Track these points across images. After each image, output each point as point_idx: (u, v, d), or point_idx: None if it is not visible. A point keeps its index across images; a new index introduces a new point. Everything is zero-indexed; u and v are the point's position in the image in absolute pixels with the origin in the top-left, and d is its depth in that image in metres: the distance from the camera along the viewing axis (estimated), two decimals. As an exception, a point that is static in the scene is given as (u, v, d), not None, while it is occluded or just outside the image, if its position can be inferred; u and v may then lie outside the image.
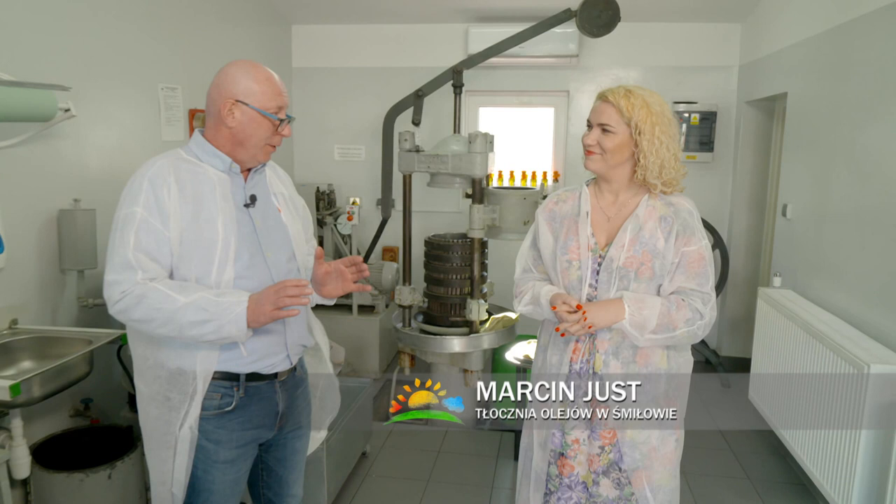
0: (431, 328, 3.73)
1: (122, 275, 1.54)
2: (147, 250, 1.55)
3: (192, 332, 1.53)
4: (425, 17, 4.83)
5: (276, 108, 1.64)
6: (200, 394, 1.63)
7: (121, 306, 1.54)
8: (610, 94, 1.77)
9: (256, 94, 1.62)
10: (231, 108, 1.61)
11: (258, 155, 1.68)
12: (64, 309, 2.83)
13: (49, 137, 2.71)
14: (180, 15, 3.65)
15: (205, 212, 1.60)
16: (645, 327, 1.74)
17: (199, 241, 1.59)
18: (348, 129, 5.18)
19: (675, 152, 1.77)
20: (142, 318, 1.53)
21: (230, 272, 1.61)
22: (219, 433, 1.67)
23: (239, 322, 1.53)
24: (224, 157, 1.66)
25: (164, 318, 1.51)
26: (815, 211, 3.34)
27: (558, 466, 1.87)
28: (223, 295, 1.55)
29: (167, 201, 1.56)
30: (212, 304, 1.52)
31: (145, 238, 1.55)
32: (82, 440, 2.66)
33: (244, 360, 1.66)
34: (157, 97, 3.47)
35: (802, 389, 2.94)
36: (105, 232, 2.85)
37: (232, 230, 1.62)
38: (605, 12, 3.72)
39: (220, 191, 1.64)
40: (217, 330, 1.53)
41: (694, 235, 1.78)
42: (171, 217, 1.56)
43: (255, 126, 1.63)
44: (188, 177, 1.62)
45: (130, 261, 1.53)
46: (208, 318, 1.52)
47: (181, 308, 1.50)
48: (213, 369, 1.63)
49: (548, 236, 1.90)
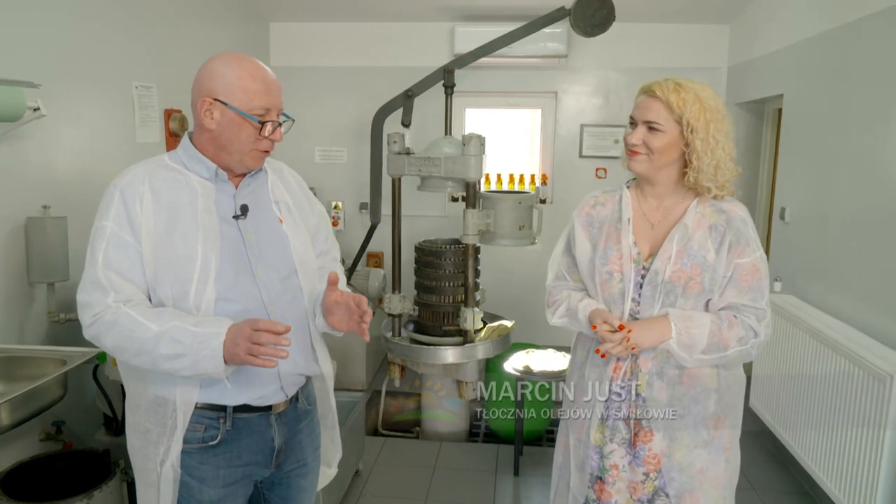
0: (423, 338, 3.58)
1: (92, 296, 1.38)
2: (119, 269, 1.38)
3: (166, 366, 1.36)
4: (409, 15, 4.69)
5: (263, 109, 1.43)
6: (181, 427, 1.44)
7: (92, 331, 1.39)
8: (657, 87, 1.60)
9: (237, 92, 1.41)
10: (209, 107, 1.42)
11: (245, 161, 1.48)
12: (33, 325, 2.62)
13: (15, 139, 2.49)
14: (154, 10, 3.44)
15: (181, 225, 1.42)
16: (694, 348, 1.61)
17: (173, 258, 1.41)
18: (329, 131, 5.01)
19: (730, 152, 1.63)
20: (113, 346, 1.38)
21: (211, 292, 1.42)
22: (203, 469, 1.48)
23: (215, 358, 1.34)
24: (209, 163, 1.47)
25: (137, 348, 1.35)
26: (815, 214, 3.30)
27: (596, 491, 1.75)
28: (201, 324, 1.36)
29: (139, 214, 1.39)
30: (187, 336, 1.34)
31: (115, 255, 1.38)
32: (54, 466, 2.44)
33: (230, 392, 1.47)
34: (130, 96, 3.26)
35: (812, 397, 2.88)
36: (77, 240, 2.67)
37: (213, 245, 1.43)
38: (599, 11, 3.62)
39: (202, 202, 1.45)
40: (193, 365, 1.35)
41: (748, 246, 1.64)
42: (144, 231, 1.39)
43: (236, 129, 1.43)
44: (165, 186, 1.44)
45: (101, 280, 1.37)
46: (182, 351, 1.34)
47: (153, 338, 1.34)
48: (194, 400, 1.45)
49: (585, 243, 1.76)
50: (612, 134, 4.84)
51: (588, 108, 4.88)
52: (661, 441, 1.69)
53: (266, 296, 1.49)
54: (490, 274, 4.23)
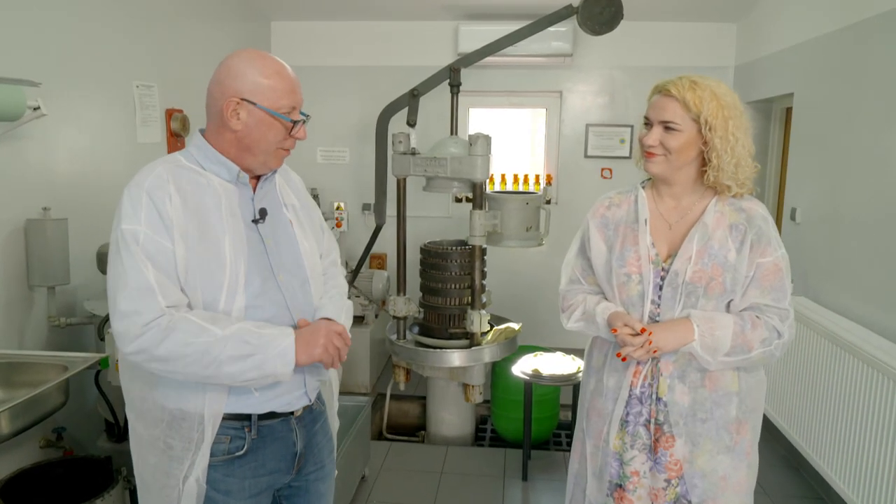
0: (428, 341, 3.53)
1: (140, 303, 1.26)
2: (166, 273, 1.30)
3: (230, 369, 1.30)
4: (413, 14, 4.65)
5: (289, 108, 1.39)
6: (208, 442, 1.38)
7: (143, 343, 1.26)
8: (672, 86, 1.56)
9: (265, 91, 1.36)
10: (235, 108, 1.36)
11: (269, 161, 1.44)
12: (33, 330, 2.56)
13: (15, 139, 2.44)
14: (155, 9, 3.39)
15: (211, 229, 1.36)
16: (718, 350, 1.56)
17: (205, 263, 1.34)
18: (332, 131, 4.97)
19: (749, 148, 1.58)
20: (168, 354, 1.27)
21: (241, 300, 1.37)
22: (228, 482, 1.43)
23: (286, 356, 1.33)
24: (231, 165, 1.41)
25: (198, 353, 1.27)
26: (827, 214, 3.25)
27: (615, 499, 1.70)
28: (264, 328, 1.35)
29: (171, 216, 1.31)
30: (254, 337, 1.31)
31: (158, 258, 1.29)
32: (55, 474, 2.39)
33: (257, 400, 1.42)
34: (131, 96, 3.20)
35: (825, 400, 2.84)
36: (78, 243, 2.62)
37: (241, 251, 1.38)
38: (607, 9, 3.57)
39: (226, 204, 1.39)
40: (260, 365, 1.31)
41: (770, 245, 1.60)
42: (177, 234, 1.32)
43: (265, 129, 1.38)
44: (190, 188, 1.37)
45: (151, 284, 1.27)
46: (251, 351, 1.30)
47: (219, 341, 1.28)
48: (222, 411, 1.39)
49: (600, 245, 1.71)
50: (618, 134, 4.80)
51: (593, 108, 4.83)
52: (682, 447, 1.64)
53: (290, 302, 1.45)
54: (496, 276, 4.19)
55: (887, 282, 2.71)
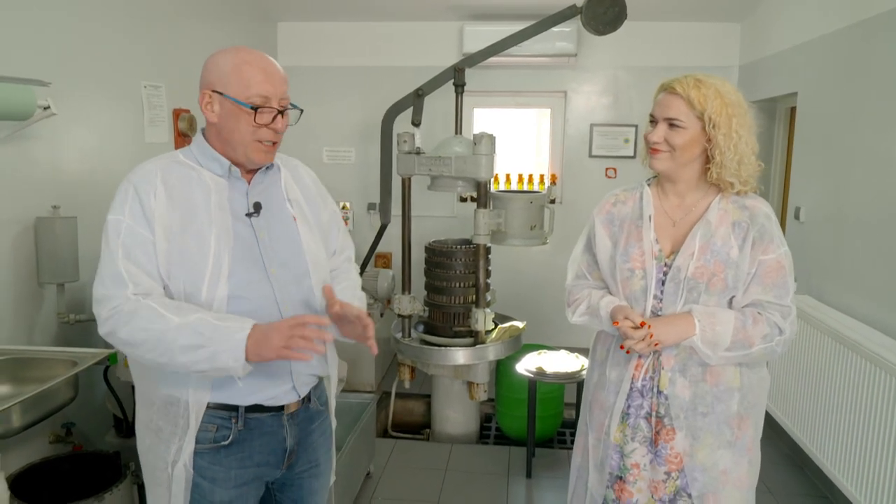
0: (433, 339, 3.55)
1: (110, 289, 1.35)
2: (137, 262, 1.35)
3: (182, 359, 1.32)
4: (418, 14, 4.67)
5: (260, 98, 1.38)
6: (194, 428, 1.42)
7: (109, 325, 1.34)
8: (677, 84, 1.58)
9: (232, 81, 1.38)
10: (209, 100, 1.41)
11: (250, 154, 1.44)
12: (42, 326, 2.59)
13: (24, 138, 2.47)
14: (163, 10, 3.42)
15: (195, 222, 1.40)
16: (718, 345, 1.58)
17: (186, 254, 1.38)
18: (337, 131, 4.99)
19: (752, 146, 1.61)
20: (128, 339, 1.33)
21: (223, 290, 1.39)
22: (214, 470, 1.45)
23: (236, 351, 1.30)
24: (222, 159, 1.45)
25: (154, 340, 1.31)
26: (831, 214, 3.26)
27: (615, 491, 1.72)
28: (225, 319, 1.34)
29: (154, 209, 1.37)
30: (209, 328, 1.31)
31: (134, 248, 1.35)
32: (63, 469, 2.42)
33: (241, 392, 1.44)
34: (139, 96, 3.24)
35: (829, 398, 2.84)
36: (87, 241, 2.65)
37: (225, 243, 1.41)
38: (611, 9, 3.59)
39: (215, 199, 1.43)
40: (210, 358, 1.30)
41: (772, 242, 1.61)
42: (158, 226, 1.37)
43: (234, 119, 1.40)
44: (178, 182, 1.42)
45: (120, 272, 1.34)
46: (202, 343, 1.30)
47: (174, 329, 1.30)
48: (206, 400, 1.42)
49: (605, 241, 1.74)
50: (622, 133, 4.81)
51: (598, 108, 4.85)
52: (683, 440, 1.66)
53: (279, 295, 1.46)
54: (501, 274, 4.20)
55: (891, 280, 2.71)
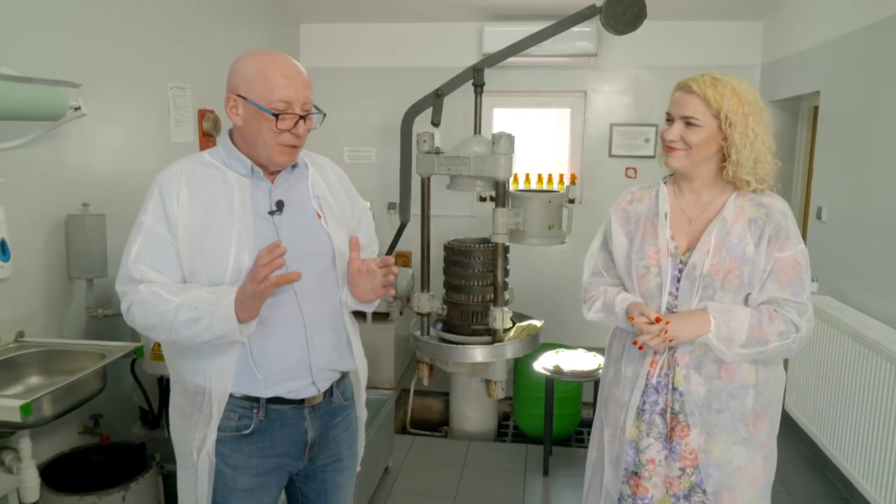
0: (452, 337, 3.58)
1: (126, 286, 1.46)
2: (151, 262, 1.44)
3: (185, 333, 1.40)
4: (438, 15, 4.71)
5: (283, 103, 1.42)
6: (217, 417, 1.48)
7: (129, 317, 1.46)
8: (694, 82, 1.60)
9: (256, 86, 1.43)
10: (234, 103, 1.47)
11: (272, 156, 1.48)
12: (72, 320, 2.67)
13: (56, 138, 2.55)
14: (188, 13, 3.50)
15: (217, 221, 1.45)
16: (733, 341, 1.59)
17: (208, 253, 1.44)
18: (358, 131, 5.05)
19: (769, 145, 1.61)
20: (146, 325, 1.44)
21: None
22: (236, 458, 1.51)
23: (228, 316, 1.36)
24: (245, 160, 1.50)
25: (162, 321, 1.40)
26: (854, 213, 3.22)
27: (631, 486, 1.73)
28: (216, 292, 1.40)
29: (175, 210, 1.44)
30: (202, 301, 1.38)
31: (149, 249, 1.44)
32: (92, 459, 2.50)
33: (261, 384, 1.50)
34: (166, 97, 3.32)
35: (850, 400, 2.82)
36: (116, 238, 2.72)
37: (247, 241, 1.46)
38: (630, 9, 3.59)
39: (238, 198, 1.48)
40: (209, 328, 1.37)
41: (788, 240, 1.62)
42: (180, 227, 1.44)
43: (257, 123, 1.44)
44: (203, 183, 1.47)
45: (131, 273, 1.44)
46: (199, 315, 1.37)
47: (174, 308, 1.39)
48: (228, 391, 1.48)
49: (621, 238, 1.75)
50: (643, 133, 4.80)
51: (618, 108, 4.84)
52: (698, 436, 1.67)
53: (300, 291, 1.50)
54: (519, 273, 4.22)
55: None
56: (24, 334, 2.35)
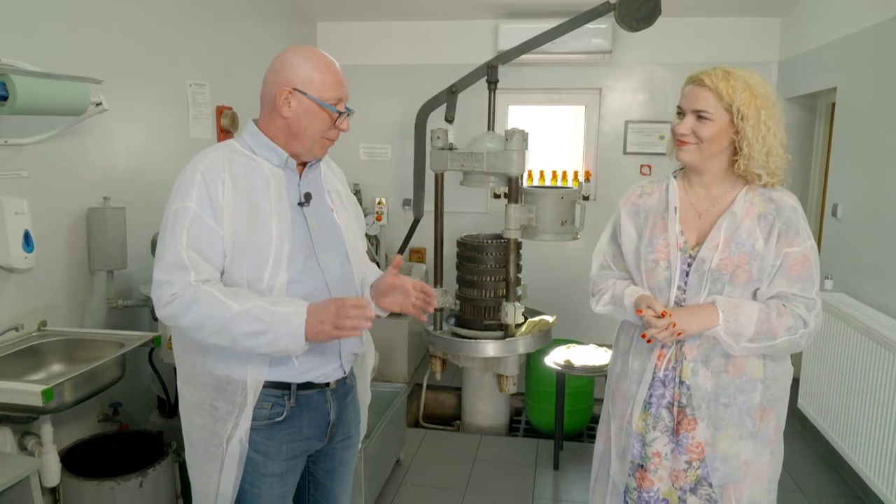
0: (464, 332, 3.61)
1: (173, 275, 1.41)
2: (200, 249, 1.43)
3: (245, 343, 1.41)
4: (453, 13, 4.73)
5: (336, 100, 1.51)
6: (251, 405, 1.51)
7: (171, 310, 1.41)
8: (706, 76, 1.60)
9: (315, 82, 1.48)
10: (287, 96, 1.48)
11: (314, 149, 1.55)
12: (92, 310, 2.74)
13: (77, 133, 2.62)
14: (207, 11, 3.56)
15: (259, 210, 1.48)
16: (741, 335, 1.59)
17: (252, 241, 1.47)
18: (374, 128, 5.09)
19: (781, 139, 1.61)
20: (192, 324, 1.41)
21: (283, 276, 1.49)
22: (268, 445, 1.55)
23: (296, 336, 1.39)
24: (280, 150, 1.53)
25: (217, 325, 1.39)
26: (869, 211, 3.20)
27: (637, 479, 1.75)
28: (279, 304, 1.41)
29: (221, 198, 1.44)
30: (268, 314, 1.39)
31: (198, 235, 1.42)
32: (111, 446, 2.57)
33: (296, 371, 1.55)
34: (185, 93, 3.38)
35: (865, 398, 2.80)
36: (135, 231, 2.80)
37: (286, 231, 1.50)
38: (645, 5, 3.59)
39: (274, 188, 1.52)
40: (273, 342, 1.40)
41: (798, 235, 1.62)
42: (225, 215, 1.44)
43: (312, 118, 1.50)
44: (242, 171, 1.50)
45: (183, 260, 1.41)
46: (264, 329, 1.39)
47: (235, 316, 1.38)
48: (263, 379, 1.52)
49: (630, 232, 1.76)
50: (658, 130, 4.78)
51: (633, 105, 4.83)
52: (704, 430, 1.67)
53: (329, 279, 1.56)
54: (531, 269, 4.24)
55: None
56: (46, 324, 2.43)
